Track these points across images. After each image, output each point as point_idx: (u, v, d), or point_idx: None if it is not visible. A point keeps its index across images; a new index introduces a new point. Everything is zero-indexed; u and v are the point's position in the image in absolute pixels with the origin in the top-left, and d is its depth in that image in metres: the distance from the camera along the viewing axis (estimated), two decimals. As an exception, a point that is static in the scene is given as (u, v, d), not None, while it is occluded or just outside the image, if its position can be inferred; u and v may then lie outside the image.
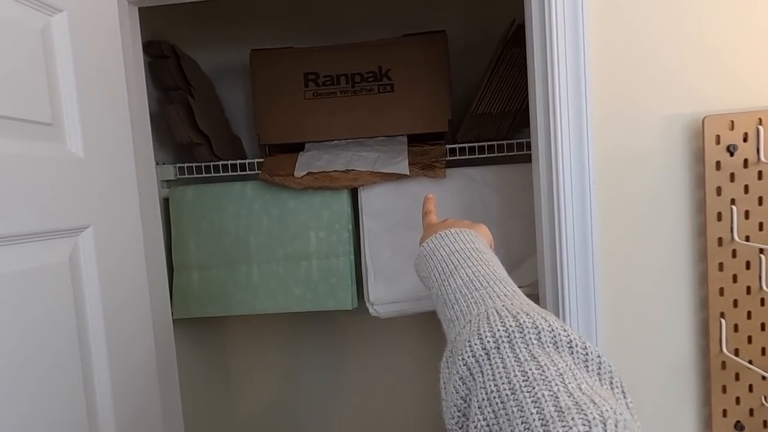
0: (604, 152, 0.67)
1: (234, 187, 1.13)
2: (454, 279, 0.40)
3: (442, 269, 0.43)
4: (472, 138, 1.10)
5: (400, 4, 1.36)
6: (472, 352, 0.30)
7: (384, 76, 1.15)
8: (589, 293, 0.69)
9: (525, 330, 0.30)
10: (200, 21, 1.41)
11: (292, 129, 1.17)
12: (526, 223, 1.06)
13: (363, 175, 1.06)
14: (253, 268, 1.12)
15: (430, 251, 0.47)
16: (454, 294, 0.39)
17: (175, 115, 1.05)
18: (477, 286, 0.38)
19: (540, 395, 0.25)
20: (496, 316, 0.32)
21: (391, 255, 1.08)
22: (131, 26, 0.81)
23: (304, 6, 1.38)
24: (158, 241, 0.88)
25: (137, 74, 0.82)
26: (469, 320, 0.34)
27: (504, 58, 1.06)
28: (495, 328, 0.31)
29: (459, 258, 0.43)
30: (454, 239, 0.47)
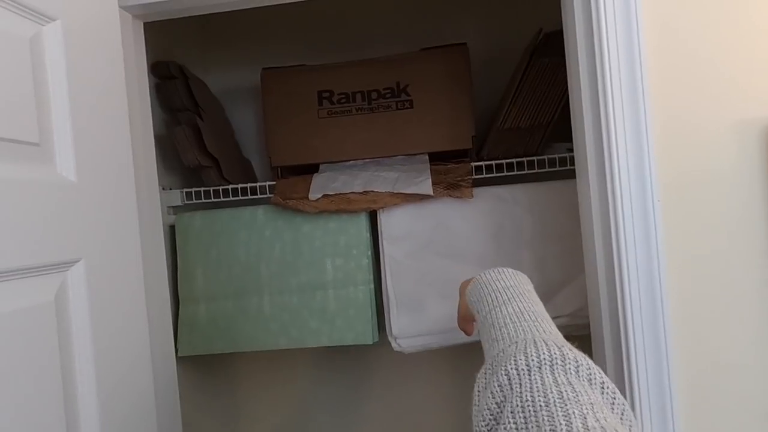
0: (668, 164, 0.59)
1: (244, 212, 1.05)
2: (506, 307, 0.44)
3: (496, 297, 0.47)
4: (499, 154, 1.02)
5: (416, 18, 1.31)
6: (515, 365, 0.34)
7: (402, 92, 1.08)
8: (658, 331, 0.59)
9: (566, 360, 0.33)
10: (210, 41, 1.38)
11: (305, 150, 1.10)
12: (563, 246, 0.97)
13: (382, 197, 0.98)
14: (265, 299, 1.04)
15: (488, 280, 0.51)
16: (503, 319, 0.42)
17: (183, 137, 0.99)
18: (526, 318, 0.42)
19: (571, 412, 0.28)
20: (542, 344, 0.35)
21: (414, 283, 0.99)
22: (135, 41, 0.75)
23: (317, 23, 1.34)
24: (161, 273, 0.80)
25: (141, 93, 0.76)
26: (516, 342, 0.37)
27: (531, 68, 0.99)
28: (540, 351, 0.34)
29: (513, 293, 0.48)
30: (510, 276, 0.53)
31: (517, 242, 0.98)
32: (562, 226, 0.96)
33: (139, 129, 0.73)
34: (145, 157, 0.76)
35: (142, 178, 0.74)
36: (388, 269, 1.00)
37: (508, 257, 0.98)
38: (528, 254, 0.98)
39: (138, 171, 0.72)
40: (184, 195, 1.08)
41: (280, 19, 1.35)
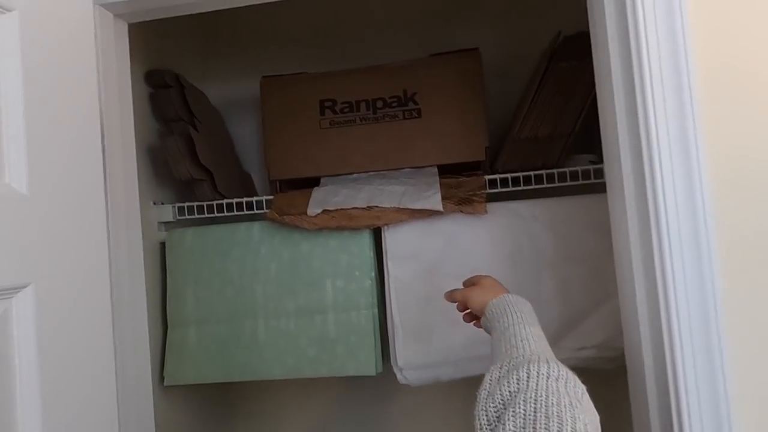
0: (723, 175, 0.49)
1: (239, 228, 0.98)
2: (529, 327, 0.52)
3: (521, 317, 0.54)
4: (515, 167, 0.93)
5: (423, 24, 1.24)
6: (537, 369, 0.41)
7: (410, 101, 1.01)
8: (715, 372, 0.48)
9: (571, 379, 0.42)
10: (211, 51, 1.33)
11: (306, 162, 1.03)
12: (588, 268, 0.87)
13: (387, 213, 0.90)
14: (259, 323, 0.95)
15: (514, 301, 0.59)
16: (526, 335, 0.50)
17: (174, 148, 0.92)
18: (542, 342, 0.50)
19: (570, 416, 0.36)
20: (556, 363, 0.43)
21: (422, 308, 0.90)
22: (117, 43, 0.69)
23: (321, 32, 1.29)
24: (139, 296, 0.72)
25: (123, 99, 0.70)
26: (534, 354, 0.45)
27: (550, 74, 0.90)
28: (555, 366, 0.42)
29: (532, 319, 0.56)
30: (529, 305, 0.60)
31: (536, 263, 0.89)
32: (587, 246, 0.87)
33: (117, 138, 0.66)
34: (124, 169, 0.70)
35: (120, 191, 0.67)
36: (393, 292, 0.91)
37: (526, 280, 0.89)
38: (549, 277, 0.88)
39: (115, 184, 0.65)
40: (176, 210, 1.01)
41: (282, 28, 1.30)
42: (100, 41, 0.63)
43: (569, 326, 0.87)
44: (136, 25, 1.02)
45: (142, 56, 1.02)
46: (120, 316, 0.61)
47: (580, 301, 0.87)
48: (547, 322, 0.87)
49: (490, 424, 0.39)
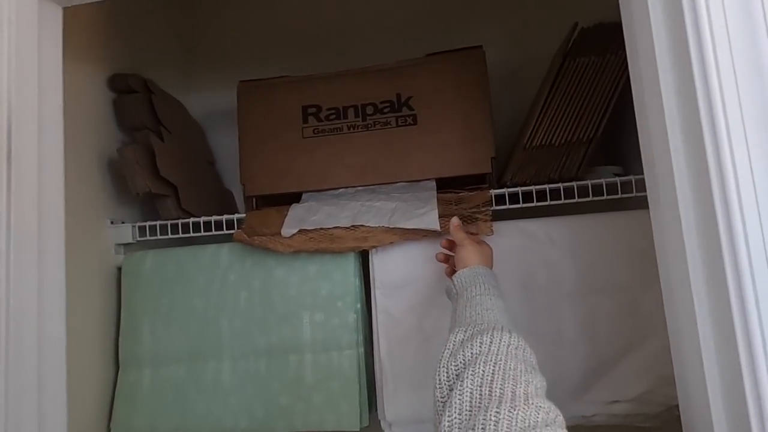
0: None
1: (205, 251, 0.84)
2: (497, 300, 0.56)
3: (488, 288, 0.58)
4: (526, 179, 0.79)
5: (419, 24, 1.14)
6: (500, 335, 0.45)
7: (404, 106, 0.88)
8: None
9: (528, 349, 0.45)
10: (192, 59, 1.23)
11: (286, 176, 0.90)
12: (618, 302, 0.71)
13: (375, 233, 0.76)
14: (225, 364, 0.80)
15: (485, 273, 0.62)
16: (493, 306, 0.54)
17: (130, 158, 0.80)
18: (504, 314, 0.54)
19: (524, 380, 0.40)
20: (517, 333, 0.47)
21: (417, 348, 0.74)
22: (50, 31, 0.58)
23: (310, 36, 1.19)
24: (57, 333, 0.58)
25: (53, 97, 0.58)
26: (501, 324, 0.48)
27: (566, 71, 0.77)
28: (515, 336, 0.46)
29: (498, 292, 0.59)
30: (497, 280, 0.63)
31: (554, 295, 0.73)
32: (617, 275, 0.71)
33: (29, 142, 0.54)
34: (50, 182, 0.57)
35: (29, 207, 0.54)
36: (381, 328, 0.76)
37: (542, 315, 0.73)
38: (570, 312, 0.72)
39: (21, 199, 0.52)
40: (136, 230, 0.88)
41: (268, 35, 1.21)
42: (15, 25, 0.51)
43: (597, 374, 0.70)
44: (111, 29, 0.95)
45: (115, 63, 0.93)
46: (25, 357, 0.47)
47: (610, 342, 0.70)
48: (570, 369, 0.71)
49: (449, 380, 0.42)
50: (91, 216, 0.84)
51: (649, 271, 0.69)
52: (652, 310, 0.70)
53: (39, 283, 0.52)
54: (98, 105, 0.89)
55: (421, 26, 1.14)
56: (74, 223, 0.80)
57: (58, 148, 0.58)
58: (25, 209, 0.51)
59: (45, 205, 0.54)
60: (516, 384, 0.38)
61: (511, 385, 0.38)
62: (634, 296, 0.71)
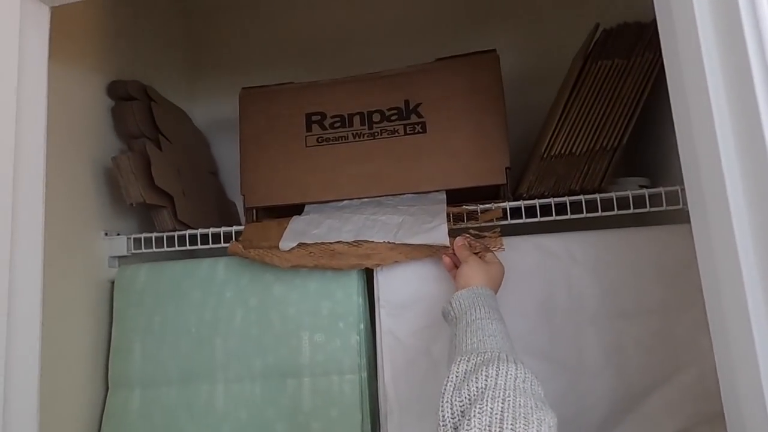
0: None
1: (200, 266, 0.80)
2: (498, 324, 0.53)
3: (489, 312, 0.54)
4: (545, 191, 0.73)
5: (430, 30, 1.09)
6: (506, 367, 0.42)
7: (412, 113, 0.83)
8: None
9: (535, 381, 0.42)
10: (197, 68, 1.21)
11: (288, 186, 0.85)
12: (649, 327, 0.64)
13: (379, 250, 0.70)
14: (218, 387, 0.75)
15: (485, 295, 0.58)
16: (495, 332, 0.51)
17: (125, 166, 0.77)
18: (510, 340, 0.51)
19: (536, 418, 0.37)
20: (522, 363, 0.44)
21: (423, 375, 0.68)
22: (35, 31, 0.55)
23: (316, 44, 1.16)
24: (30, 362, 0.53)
25: (35, 103, 0.54)
26: (505, 353, 0.45)
27: (587, 75, 0.72)
28: (522, 367, 0.43)
29: (499, 316, 0.55)
30: (496, 301, 0.59)
31: (575, 317, 0.67)
32: (647, 296, 0.64)
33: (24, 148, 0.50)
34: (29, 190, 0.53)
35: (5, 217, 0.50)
36: (386, 352, 0.70)
37: (563, 340, 0.66)
38: (594, 338, 0.65)
39: None
40: (131, 242, 0.84)
41: (274, 42, 1.18)
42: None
43: (625, 408, 0.63)
44: (113, 36, 0.93)
45: (117, 70, 0.90)
46: None
47: (639, 372, 0.63)
48: (594, 401, 0.64)
49: (454, 417, 0.40)
50: (85, 227, 0.80)
51: (684, 293, 0.63)
52: (687, 337, 0.63)
53: (9, 302, 0.48)
54: (96, 113, 0.86)
55: (431, 31, 1.10)
56: (66, 234, 0.76)
57: (39, 155, 0.54)
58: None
59: (21, 215, 0.50)
60: (528, 424, 0.35)
61: (522, 425, 0.35)
62: (666, 321, 0.63)
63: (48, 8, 0.57)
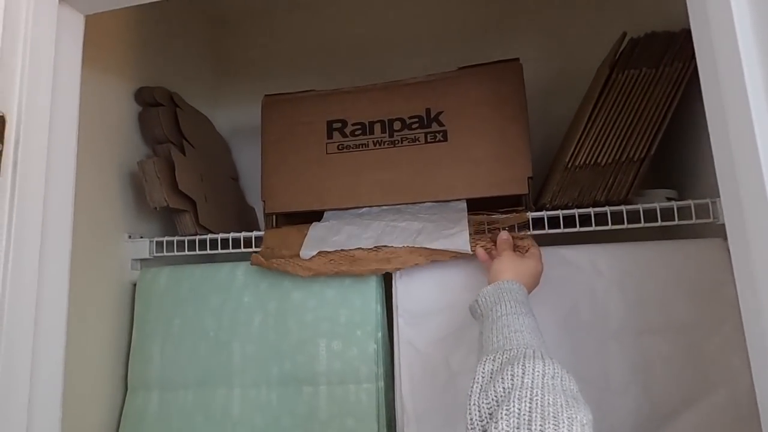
0: None
1: (220, 270, 0.81)
2: (526, 318, 0.50)
3: (514, 306, 0.52)
4: (568, 201, 0.72)
5: (452, 39, 1.10)
6: (532, 364, 0.40)
7: (434, 121, 0.83)
8: None
9: (566, 377, 0.40)
10: (221, 75, 1.23)
11: (308, 193, 0.86)
12: (678, 344, 0.62)
13: (399, 254, 0.70)
14: (234, 392, 0.75)
15: (510, 289, 0.55)
16: (522, 326, 0.48)
17: (150, 170, 0.78)
18: (536, 334, 0.48)
19: (567, 416, 0.35)
20: (551, 359, 0.42)
21: (442, 386, 0.67)
22: (70, 39, 0.56)
23: (339, 52, 1.17)
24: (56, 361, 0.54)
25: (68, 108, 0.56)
26: (532, 348, 0.44)
27: (614, 84, 0.71)
28: (550, 362, 0.41)
29: (528, 309, 0.53)
30: (525, 294, 0.57)
31: (600, 333, 0.65)
32: (676, 312, 0.62)
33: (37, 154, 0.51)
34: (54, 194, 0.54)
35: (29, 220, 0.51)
36: (404, 362, 0.69)
37: (586, 355, 0.65)
38: (619, 354, 0.63)
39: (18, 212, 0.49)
40: (153, 245, 0.85)
41: (297, 50, 1.19)
42: (31, 30, 0.50)
43: (652, 428, 0.61)
44: (141, 44, 0.95)
45: (145, 77, 0.92)
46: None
47: (667, 391, 0.61)
48: (618, 420, 0.62)
49: (482, 420, 0.38)
50: (109, 229, 0.82)
51: (715, 310, 0.61)
52: (718, 356, 0.60)
53: (37, 301, 0.49)
54: (124, 118, 0.88)
55: (453, 40, 1.10)
56: (91, 236, 0.78)
57: (70, 160, 0.56)
58: (27, 223, 0.48)
59: (50, 219, 0.51)
60: (558, 423, 0.34)
61: (552, 425, 0.34)
62: (695, 338, 0.61)
63: (83, 16, 0.59)
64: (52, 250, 0.52)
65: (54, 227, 0.52)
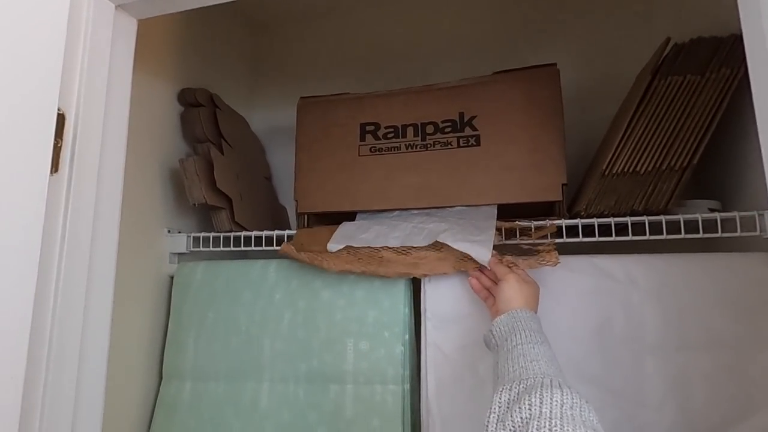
0: None
1: (253, 267, 0.83)
2: (540, 347, 0.50)
3: (530, 335, 0.52)
4: (604, 210, 0.70)
5: (487, 44, 1.09)
6: (550, 394, 0.39)
7: (467, 126, 0.83)
8: None
9: (585, 407, 0.39)
10: (258, 77, 1.27)
11: (339, 194, 0.87)
12: (719, 362, 0.59)
13: (428, 260, 0.70)
14: (263, 386, 0.77)
15: (524, 318, 0.55)
16: (538, 355, 0.48)
17: (191, 169, 0.81)
18: (554, 363, 0.48)
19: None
20: (569, 388, 0.41)
21: (469, 392, 0.67)
22: (124, 42, 0.59)
23: (374, 55, 1.18)
24: (101, 345, 0.57)
25: (119, 107, 0.59)
26: (550, 377, 0.43)
27: (656, 90, 0.69)
28: (568, 391, 0.40)
29: (543, 338, 0.52)
30: (538, 322, 0.56)
31: (634, 345, 0.63)
32: (717, 328, 0.60)
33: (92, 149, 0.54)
34: (105, 187, 0.57)
35: (82, 210, 0.54)
36: (430, 365, 0.69)
37: (620, 369, 0.63)
38: (654, 368, 0.62)
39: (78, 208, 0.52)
40: (190, 240, 0.89)
41: (331, 53, 1.21)
42: (90, 35, 0.53)
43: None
44: (183, 47, 1.00)
45: (186, 78, 0.96)
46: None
47: (707, 411, 0.59)
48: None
49: None
50: (150, 223, 0.85)
51: (762, 328, 0.58)
52: (763, 377, 0.57)
53: (87, 289, 0.52)
54: (166, 117, 0.92)
55: (488, 44, 1.09)
56: (133, 229, 0.82)
57: (120, 157, 0.59)
58: (81, 214, 0.51)
59: (101, 212, 0.54)
60: None
61: None
62: (738, 357, 0.59)
63: (136, 21, 0.62)
64: (102, 241, 0.55)
65: (103, 219, 0.55)
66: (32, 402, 0.44)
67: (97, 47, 0.54)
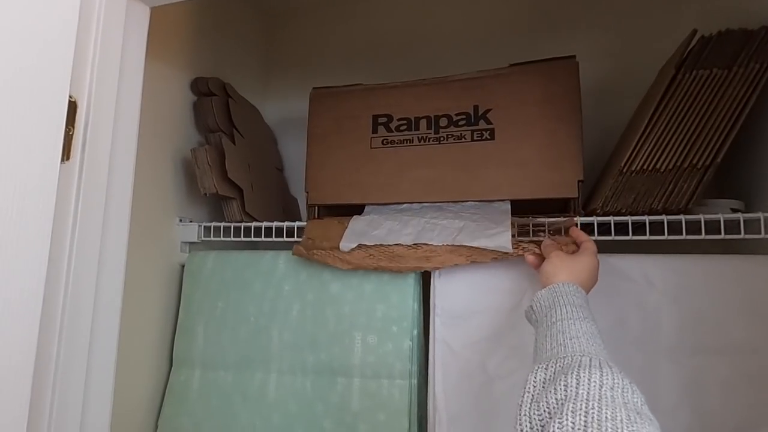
0: None
1: (263, 258, 0.83)
2: (582, 323, 0.47)
3: (571, 311, 0.49)
4: (622, 208, 0.68)
5: (503, 36, 1.06)
6: (588, 374, 0.37)
7: (481, 119, 0.81)
8: None
9: (628, 387, 0.37)
10: (271, 67, 1.26)
11: (350, 186, 0.86)
12: (738, 367, 0.57)
13: (439, 253, 0.69)
14: (271, 377, 0.77)
15: (566, 292, 0.52)
16: (578, 332, 0.45)
17: (203, 158, 0.81)
18: (598, 340, 0.45)
19: (621, 425, 0.32)
20: (610, 367, 0.38)
21: (477, 390, 0.66)
22: (136, 30, 0.59)
23: (388, 46, 1.16)
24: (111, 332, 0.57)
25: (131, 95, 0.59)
26: (589, 355, 0.40)
27: (680, 85, 0.66)
28: (609, 371, 0.38)
29: (586, 314, 0.49)
30: (583, 296, 0.53)
31: (648, 347, 0.61)
32: (736, 333, 0.58)
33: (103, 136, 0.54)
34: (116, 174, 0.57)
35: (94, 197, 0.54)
36: (438, 361, 0.68)
37: (631, 369, 0.61)
38: (669, 371, 0.60)
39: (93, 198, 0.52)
40: (202, 230, 0.89)
41: (344, 44, 1.20)
42: (102, 22, 0.52)
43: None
44: (196, 36, 0.99)
45: (199, 67, 0.96)
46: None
47: (724, 418, 0.57)
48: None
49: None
50: (162, 212, 0.86)
51: (783, 334, 0.56)
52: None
53: (98, 277, 0.52)
54: (179, 106, 0.92)
55: (504, 36, 1.07)
56: (145, 217, 0.82)
57: (131, 145, 0.59)
58: (92, 202, 0.52)
59: (112, 199, 0.55)
60: None
61: None
62: (757, 362, 0.57)
63: (149, 9, 0.61)
64: (113, 229, 0.55)
65: (115, 207, 0.56)
66: (42, 388, 0.45)
67: (109, 34, 0.54)
